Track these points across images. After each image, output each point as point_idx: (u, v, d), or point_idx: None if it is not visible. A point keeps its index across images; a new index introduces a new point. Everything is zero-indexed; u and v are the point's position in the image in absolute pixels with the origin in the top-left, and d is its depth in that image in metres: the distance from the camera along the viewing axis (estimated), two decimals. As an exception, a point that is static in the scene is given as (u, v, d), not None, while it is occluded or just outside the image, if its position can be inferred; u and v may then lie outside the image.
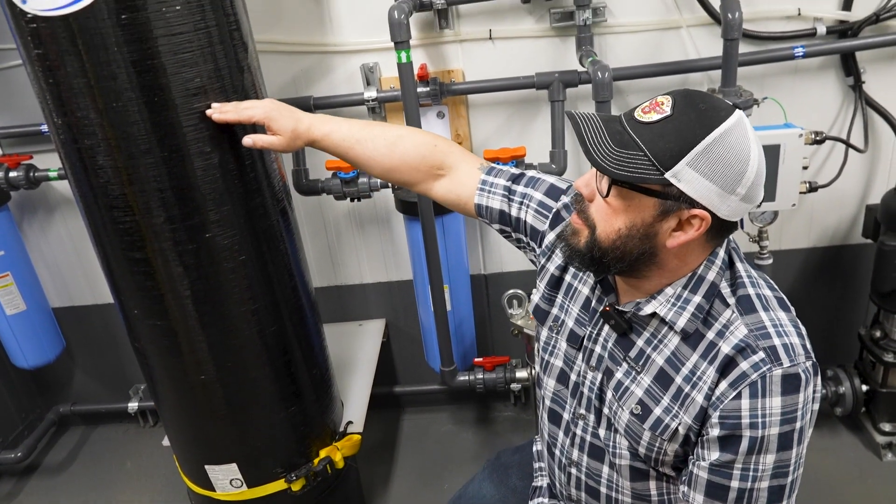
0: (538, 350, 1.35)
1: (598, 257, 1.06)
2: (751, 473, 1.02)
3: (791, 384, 0.99)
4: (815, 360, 1.03)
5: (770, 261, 2.25)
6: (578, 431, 1.26)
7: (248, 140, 1.42)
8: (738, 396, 1.00)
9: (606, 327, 1.18)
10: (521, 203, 1.33)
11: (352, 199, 2.30)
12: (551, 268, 1.29)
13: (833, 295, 2.61)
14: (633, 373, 1.13)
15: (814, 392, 1.03)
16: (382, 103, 2.28)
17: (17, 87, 2.36)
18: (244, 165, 1.57)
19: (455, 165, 1.38)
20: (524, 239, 1.36)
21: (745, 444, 1.00)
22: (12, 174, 2.37)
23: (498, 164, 1.48)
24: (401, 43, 1.81)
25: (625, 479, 1.21)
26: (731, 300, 1.06)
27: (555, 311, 1.28)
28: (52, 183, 2.50)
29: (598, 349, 1.20)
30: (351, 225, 2.58)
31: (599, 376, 1.20)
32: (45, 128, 2.33)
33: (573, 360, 1.25)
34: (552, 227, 1.29)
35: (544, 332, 1.32)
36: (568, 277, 1.27)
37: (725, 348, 1.02)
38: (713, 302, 1.07)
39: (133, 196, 1.47)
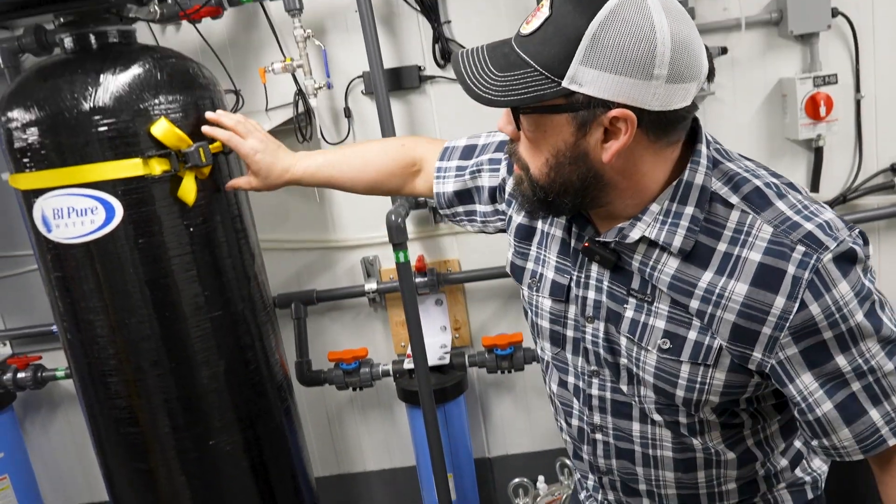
0: (525, 311, 1.19)
1: (543, 198, 0.94)
2: (864, 367, 0.87)
3: (846, 260, 0.85)
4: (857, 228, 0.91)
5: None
6: (595, 391, 1.07)
7: (229, 185, 1.50)
8: (804, 305, 0.85)
9: (595, 267, 1.01)
10: (476, 172, 1.25)
11: (354, 389, 2.32)
12: (517, 218, 1.15)
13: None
14: (646, 304, 0.96)
15: (867, 258, 0.90)
16: (383, 294, 2.37)
17: (31, 289, 2.45)
18: (249, 370, 1.61)
19: (425, 157, 1.36)
20: (484, 210, 1.26)
21: (833, 346, 0.86)
22: (20, 375, 2.40)
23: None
24: (399, 244, 1.92)
25: (662, 429, 1.03)
26: (735, 199, 0.91)
27: (530, 265, 1.13)
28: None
29: (591, 294, 1.02)
30: (354, 412, 2.58)
31: (602, 326, 1.02)
32: (55, 328, 2.40)
33: (562, 315, 1.08)
34: (510, 172, 1.16)
35: (525, 292, 1.15)
36: (539, 224, 1.12)
37: (755, 256, 0.87)
38: (712, 208, 0.92)
39: (139, 408, 1.51)
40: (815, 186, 2.29)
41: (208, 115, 1.48)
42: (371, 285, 2.35)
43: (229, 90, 2.14)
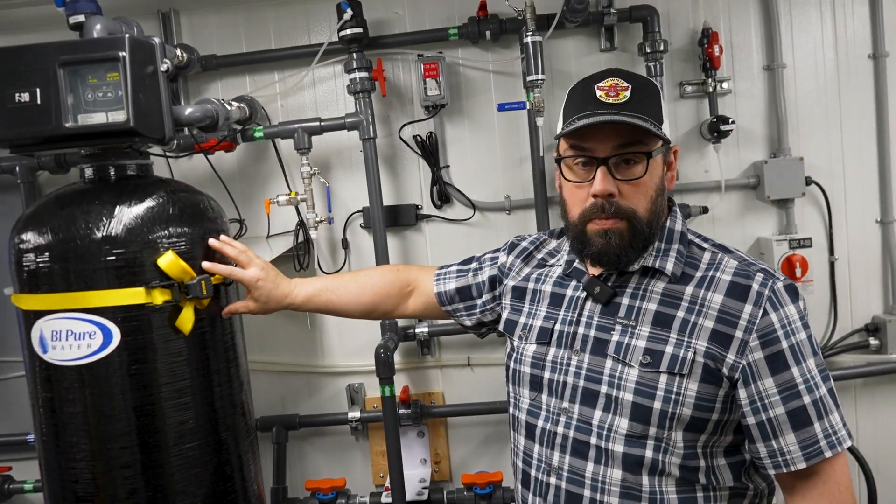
0: (507, 367, 1.35)
1: (647, 233, 1.16)
2: (811, 382, 1.07)
3: (793, 292, 1.12)
4: None
5: None
6: (560, 429, 1.21)
7: (226, 311, 1.57)
8: (766, 312, 1.08)
9: (588, 305, 1.23)
10: (478, 269, 1.49)
11: (329, 521, 2.27)
12: (511, 283, 1.40)
13: None
14: (630, 329, 1.17)
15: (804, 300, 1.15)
16: (365, 423, 2.37)
17: (11, 396, 2.43)
18: (226, 501, 1.59)
19: (418, 277, 1.56)
20: (485, 300, 1.47)
21: (789, 356, 1.07)
22: (-14, 486, 2.35)
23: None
24: (385, 378, 1.96)
25: (615, 469, 1.14)
26: (707, 245, 1.21)
27: (522, 319, 1.33)
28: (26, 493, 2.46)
29: (581, 330, 1.22)
30: (326, 544, 2.51)
31: (587, 358, 1.19)
32: (31, 437, 2.36)
33: (543, 358, 1.26)
34: (510, 252, 1.44)
35: (515, 343, 1.33)
36: (531, 285, 1.36)
37: (727, 277, 1.13)
38: (690, 249, 1.20)
39: (110, 539, 1.48)
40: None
41: (212, 242, 1.55)
42: (354, 413, 2.35)
43: (234, 219, 2.24)
